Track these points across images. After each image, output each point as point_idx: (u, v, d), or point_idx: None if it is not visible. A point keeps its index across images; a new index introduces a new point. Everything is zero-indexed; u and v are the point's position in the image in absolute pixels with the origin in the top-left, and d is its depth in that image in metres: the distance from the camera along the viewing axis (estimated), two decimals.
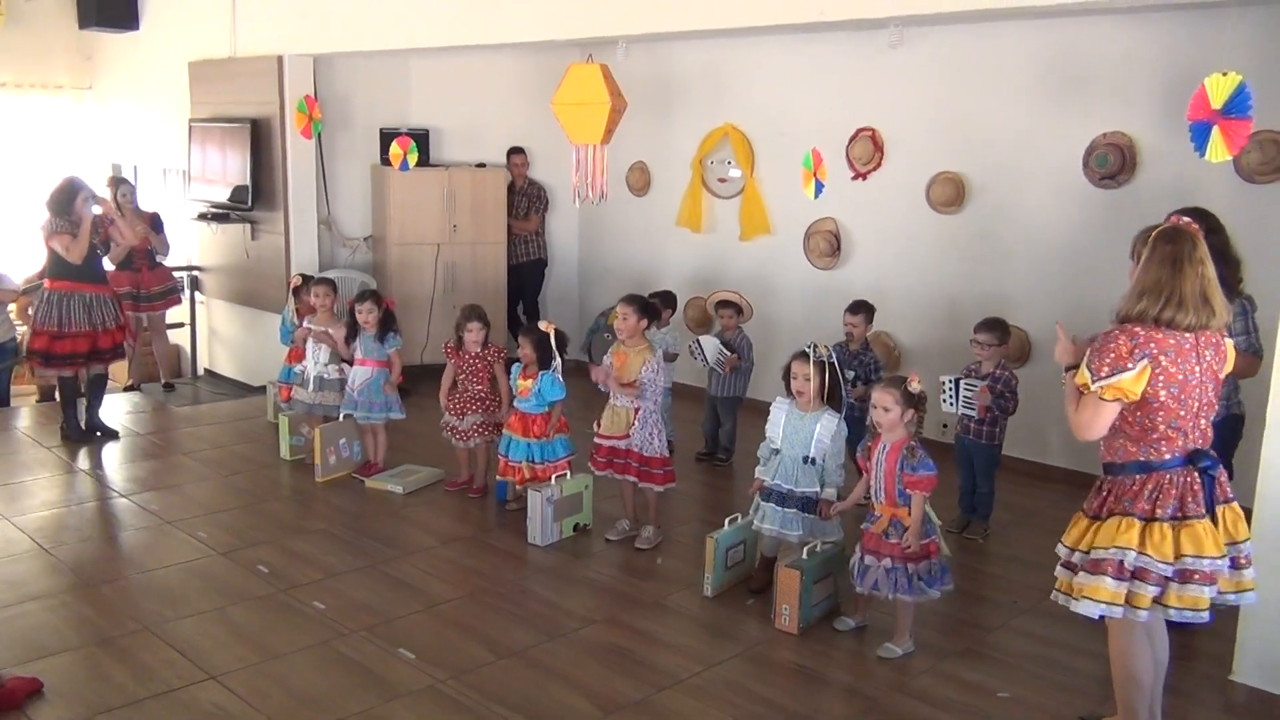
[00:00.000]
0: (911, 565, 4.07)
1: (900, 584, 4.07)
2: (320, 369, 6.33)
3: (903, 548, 4.06)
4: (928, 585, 4.10)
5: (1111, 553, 3.18)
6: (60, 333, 6.54)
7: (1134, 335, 3.12)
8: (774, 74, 7.43)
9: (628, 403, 5.11)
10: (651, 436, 5.11)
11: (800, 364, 4.47)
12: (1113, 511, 3.24)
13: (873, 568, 4.13)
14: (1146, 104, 5.78)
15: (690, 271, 8.10)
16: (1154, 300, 3.13)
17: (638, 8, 5.77)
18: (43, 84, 10.31)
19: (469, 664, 4.04)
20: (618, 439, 5.13)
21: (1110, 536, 3.19)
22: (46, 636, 4.19)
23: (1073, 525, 3.39)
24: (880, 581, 4.10)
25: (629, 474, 5.14)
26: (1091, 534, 3.28)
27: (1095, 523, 3.29)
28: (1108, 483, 3.31)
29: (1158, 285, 3.13)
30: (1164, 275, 3.13)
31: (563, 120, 5.63)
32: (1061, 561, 3.39)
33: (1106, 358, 3.12)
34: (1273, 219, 5.36)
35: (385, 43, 7.30)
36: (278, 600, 4.56)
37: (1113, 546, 3.18)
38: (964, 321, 5.87)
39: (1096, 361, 3.14)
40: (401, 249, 8.35)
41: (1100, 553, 3.21)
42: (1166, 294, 3.11)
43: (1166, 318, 3.11)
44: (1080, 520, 3.36)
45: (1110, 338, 3.15)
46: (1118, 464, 3.26)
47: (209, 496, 5.86)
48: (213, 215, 8.66)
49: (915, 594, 4.08)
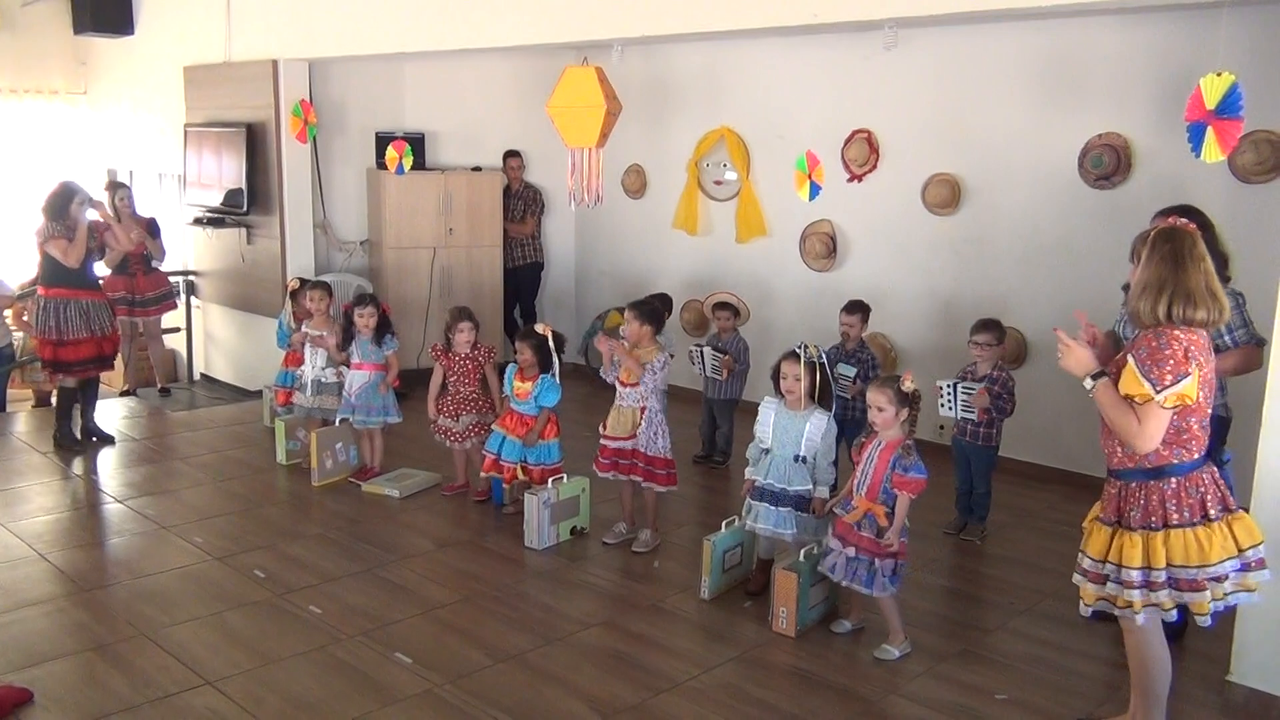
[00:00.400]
0: (878, 560, 4.07)
1: (860, 575, 4.09)
2: (318, 373, 6.33)
3: (872, 541, 4.06)
4: (890, 583, 4.10)
5: (1186, 571, 3.15)
6: (61, 340, 6.54)
7: (1179, 339, 3.07)
8: (769, 76, 7.44)
9: (633, 403, 5.11)
10: (656, 436, 5.11)
11: (790, 364, 4.48)
12: (1145, 525, 3.19)
13: (836, 552, 4.16)
14: (1141, 104, 5.79)
15: (687, 274, 8.10)
16: (1157, 296, 3.09)
17: (632, 11, 5.77)
18: (38, 89, 10.29)
19: (466, 668, 4.03)
20: (624, 440, 5.12)
21: (1180, 553, 3.16)
22: (42, 642, 4.18)
23: (1091, 535, 3.34)
24: (839, 566, 4.13)
25: (634, 474, 5.13)
26: (1125, 547, 3.22)
27: (1119, 530, 3.24)
28: (1130, 489, 3.23)
29: (1159, 281, 3.11)
30: (1164, 272, 3.11)
31: (558, 123, 5.63)
32: (1090, 576, 3.32)
33: (1166, 365, 3.04)
34: (1267, 218, 5.37)
35: (380, 46, 7.30)
36: (274, 605, 4.55)
37: (1175, 565, 3.16)
38: (960, 323, 5.88)
39: (1156, 371, 3.05)
40: (398, 253, 8.35)
41: (1181, 572, 3.17)
42: (1170, 290, 3.08)
43: (1186, 316, 3.08)
44: (1099, 530, 3.31)
45: (1163, 344, 3.07)
46: (1147, 468, 3.20)
47: (205, 501, 5.85)
48: (208, 220, 8.65)
49: (877, 590, 4.08)
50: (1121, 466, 3.26)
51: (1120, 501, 3.28)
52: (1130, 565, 3.20)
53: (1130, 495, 3.24)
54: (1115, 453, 3.28)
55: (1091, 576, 3.33)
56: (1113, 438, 3.26)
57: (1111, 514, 3.30)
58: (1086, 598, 3.37)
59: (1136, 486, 3.23)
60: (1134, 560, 3.19)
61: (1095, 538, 3.34)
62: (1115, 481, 3.30)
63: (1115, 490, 3.30)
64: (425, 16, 6.84)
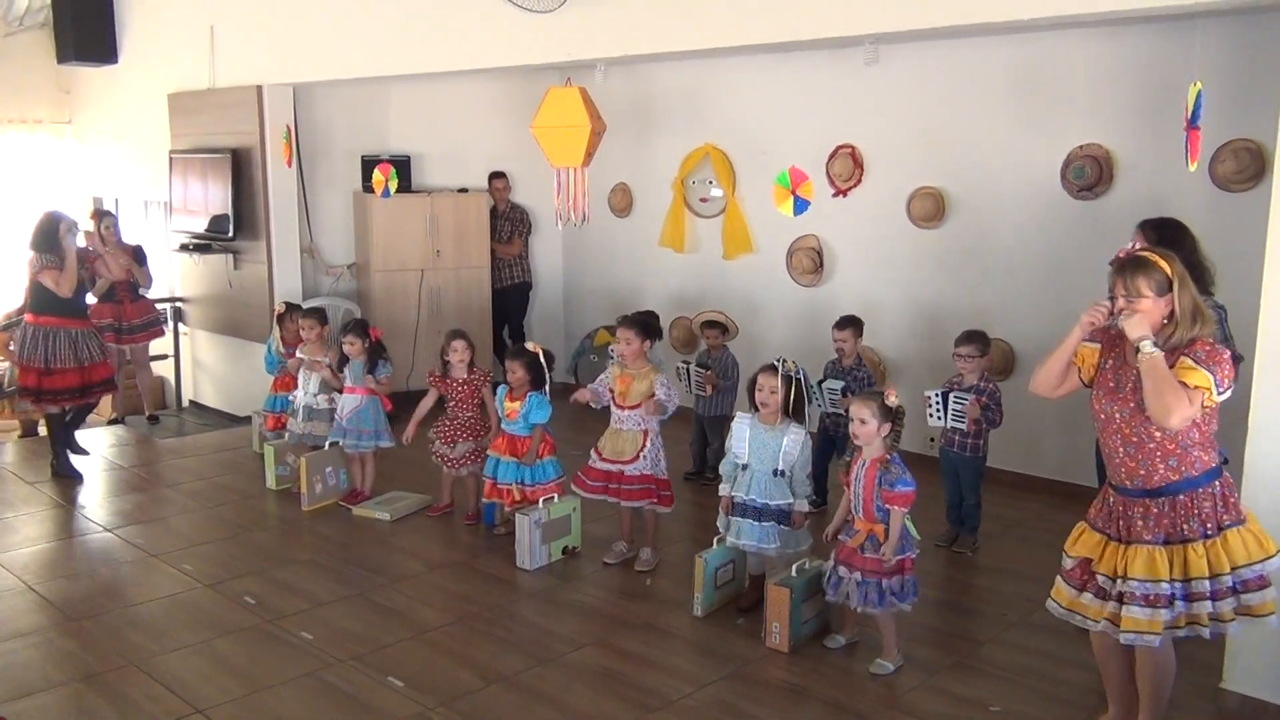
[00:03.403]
0: (885, 580, 4.06)
1: (870, 598, 4.07)
2: (310, 398, 6.30)
3: (879, 562, 4.05)
4: (899, 599, 4.09)
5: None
6: (48, 369, 6.52)
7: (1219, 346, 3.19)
8: (752, 93, 7.48)
9: (633, 426, 5.09)
10: (659, 458, 5.11)
11: (767, 376, 4.50)
12: (1203, 533, 3.19)
13: (845, 579, 4.13)
14: (1122, 115, 5.83)
15: (674, 291, 8.12)
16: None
17: (614, 31, 5.80)
18: (21, 119, 10.28)
19: (458, 691, 4.01)
20: (624, 464, 5.10)
21: (1222, 561, 3.16)
22: (30, 674, 4.14)
23: (1136, 558, 3.23)
24: (851, 593, 4.11)
25: (641, 499, 5.10)
26: (1190, 559, 3.19)
27: (1167, 548, 3.20)
28: (1179, 502, 3.20)
29: (1199, 304, 3.22)
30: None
31: (543, 144, 5.65)
32: (1139, 599, 3.20)
33: (1225, 368, 3.14)
34: (1247, 227, 5.38)
35: (364, 70, 7.32)
36: (264, 631, 4.53)
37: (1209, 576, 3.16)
38: (946, 335, 5.89)
39: (1220, 372, 3.13)
40: (385, 275, 8.34)
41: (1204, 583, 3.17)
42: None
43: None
44: (1139, 551, 3.22)
45: (1217, 350, 3.16)
46: (1194, 476, 3.19)
47: (194, 528, 5.82)
48: (195, 246, 8.64)
49: (885, 608, 4.08)
50: (1164, 481, 3.20)
51: (1174, 517, 3.21)
52: (1200, 576, 3.15)
53: (1181, 508, 3.20)
54: (1156, 470, 3.21)
55: (1150, 600, 3.18)
56: (1153, 456, 3.20)
57: (1160, 534, 3.21)
58: (1131, 625, 3.20)
59: (1186, 499, 3.19)
60: (1202, 571, 3.15)
61: (1138, 559, 3.20)
62: (1159, 499, 3.21)
63: (1158, 508, 3.22)
64: (409, 39, 6.87)
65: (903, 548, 4.07)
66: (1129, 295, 3.20)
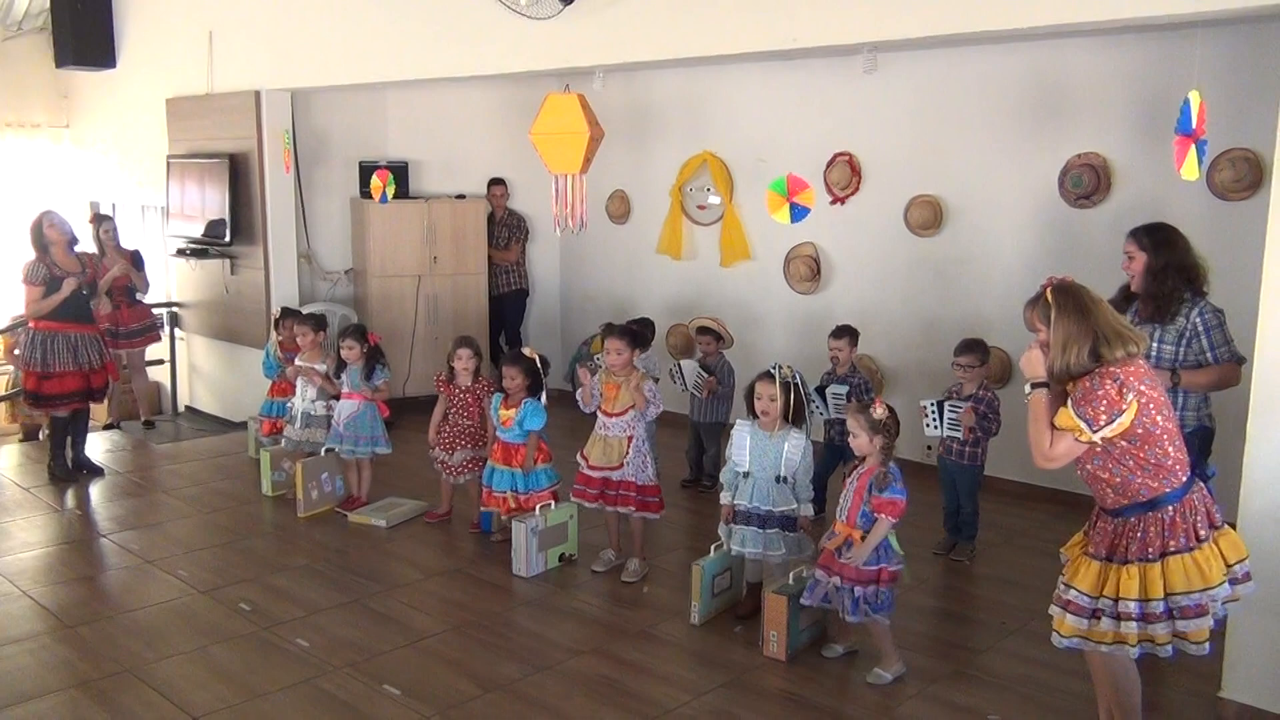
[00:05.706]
0: (859, 588, 4.04)
1: (845, 604, 4.06)
2: (307, 405, 6.29)
3: (855, 568, 4.03)
4: (873, 609, 4.06)
5: (1189, 599, 3.13)
6: (47, 373, 6.51)
7: (1114, 375, 3.09)
8: (750, 101, 7.48)
9: (620, 432, 5.08)
10: (645, 464, 5.09)
11: (765, 384, 4.48)
12: (1143, 557, 3.16)
13: (822, 582, 4.13)
14: (1120, 124, 5.84)
15: (671, 298, 8.11)
16: (1079, 346, 3.13)
17: (613, 38, 5.80)
18: (19, 123, 10.28)
19: (455, 699, 3.99)
20: (610, 470, 5.09)
21: (1179, 582, 3.13)
22: (25, 681, 4.12)
23: (1081, 568, 3.28)
24: (830, 595, 4.11)
25: (627, 505, 5.08)
26: (1121, 580, 3.18)
27: (1111, 565, 3.21)
28: (1128, 524, 3.20)
29: (1076, 333, 3.14)
30: (1075, 324, 3.15)
31: (541, 150, 5.64)
32: (1072, 608, 3.26)
33: (1100, 405, 3.08)
34: (1245, 235, 5.39)
35: (362, 76, 7.32)
36: (260, 638, 4.51)
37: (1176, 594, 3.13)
38: (944, 343, 5.89)
39: (1090, 410, 3.09)
40: (382, 281, 8.34)
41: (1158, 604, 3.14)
42: (1089, 337, 3.12)
43: (1109, 356, 3.11)
44: (1088, 564, 3.26)
45: (1095, 385, 3.09)
46: (1141, 503, 3.18)
47: (190, 534, 5.80)
48: (192, 251, 8.63)
49: (859, 616, 4.06)
50: (1116, 505, 3.23)
51: (1114, 538, 3.24)
52: (1127, 597, 3.16)
53: (1127, 530, 3.21)
54: (1106, 495, 3.25)
55: (1074, 609, 3.27)
56: (1100, 482, 3.23)
57: (1103, 549, 3.26)
58: (1062, 629, 3.31)
59: (1135, 521, 3.20)
60: (1131, 592, 3.15)
61: (1084, 572, 3.28)
62: (1110, 519, 3.26)
63: (1110, 527, 3.26)
64: (407, 46, 6.87)
65: (879, 559, 4.04)
66: (1034, 332, 3.26)
